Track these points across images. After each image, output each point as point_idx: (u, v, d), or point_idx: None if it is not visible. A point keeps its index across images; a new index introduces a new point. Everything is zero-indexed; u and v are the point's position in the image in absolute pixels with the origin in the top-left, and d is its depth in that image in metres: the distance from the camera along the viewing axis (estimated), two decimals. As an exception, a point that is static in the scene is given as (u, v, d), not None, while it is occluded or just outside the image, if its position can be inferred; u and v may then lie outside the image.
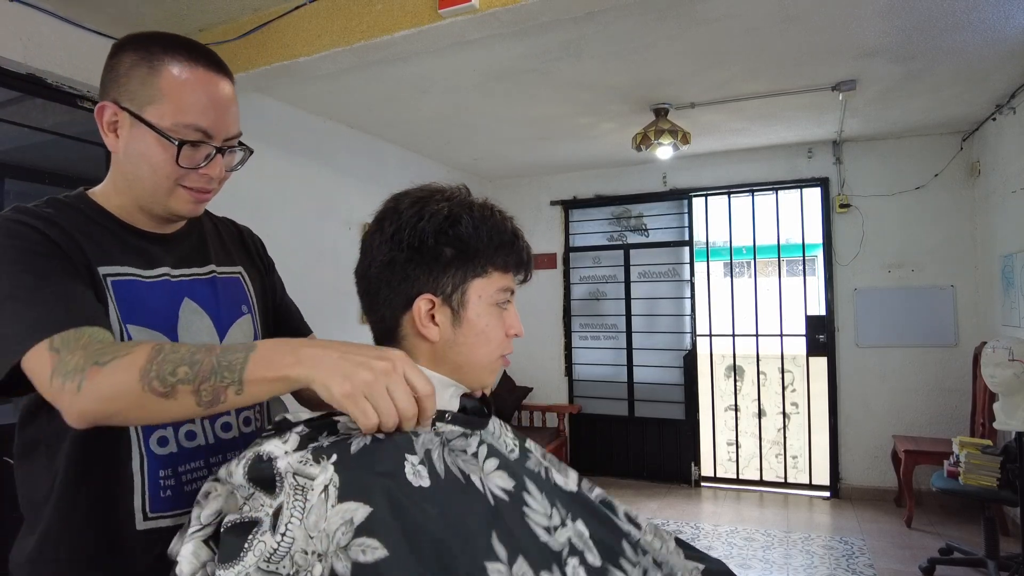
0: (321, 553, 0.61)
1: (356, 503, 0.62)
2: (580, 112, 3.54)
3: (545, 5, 1.89)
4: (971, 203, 4.08)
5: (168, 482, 0.87)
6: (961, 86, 3.21)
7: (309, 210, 3.41)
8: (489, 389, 0.91)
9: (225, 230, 1.08)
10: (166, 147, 0.84)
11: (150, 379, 0.69)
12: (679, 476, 4.75)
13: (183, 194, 0.89)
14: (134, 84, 0.84)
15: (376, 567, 0.60)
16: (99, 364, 0.70)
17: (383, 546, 0.61)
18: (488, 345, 0.82)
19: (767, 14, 2.38)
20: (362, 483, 0.64)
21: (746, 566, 3.25)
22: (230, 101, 0.90)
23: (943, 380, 4.12)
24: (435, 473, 0.70)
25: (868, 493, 4.28)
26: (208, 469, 0.92)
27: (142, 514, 0.85)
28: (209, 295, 0.96)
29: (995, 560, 2.89)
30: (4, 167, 2.28)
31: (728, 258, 5.08)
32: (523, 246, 0.84)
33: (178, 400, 0.69)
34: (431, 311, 0.79)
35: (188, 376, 0.69)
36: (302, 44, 2.27)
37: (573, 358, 5.13)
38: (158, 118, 0.84)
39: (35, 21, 2.17)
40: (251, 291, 1.04)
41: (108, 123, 0.86)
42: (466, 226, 0.78)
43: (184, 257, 0.96)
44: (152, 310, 0.88)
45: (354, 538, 0.61)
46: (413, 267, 0.79)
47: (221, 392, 0.69)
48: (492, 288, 0.81)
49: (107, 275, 0.85)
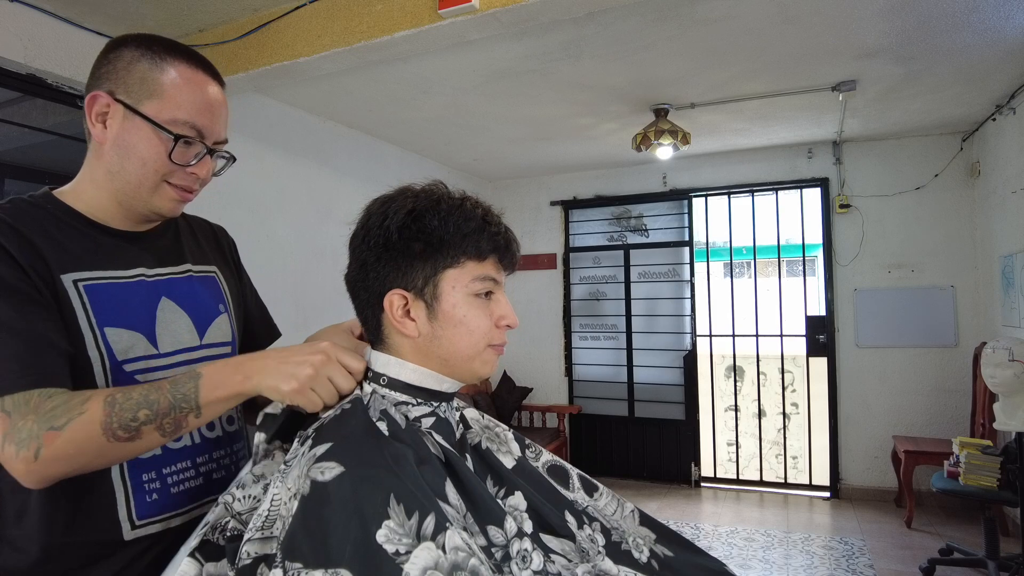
0: (295, 493, 0.65)
1: (322, 444, 0.69)
2: (580, 112, 3.54)
3: (545, 6, 1.89)
4: (971, 203, 4.08)
5: (153, 485, 0.86)
6: (961, 86, 3.21)
7: (309, 210, 3.41)
8: (484, 379, 0.92)
9: (199, 229, 1.08)
10: (161, 141, 0.85)
11: (113, 430, 0.73)
12: (679, 476, 4.75)
13: (168, 191, 0.89)
14: (134, 78, 0.85)
15: (327, 485, 0.64)
16: (56, 428, 0.72)
17: (340, 464, 0.65)
18: (471, 336, 0.80)
19: (767, 15, 2.38)
20: (329, 434, 0.71)
21: (746, 566, 3.25)
22: (222, 106, 0.92)
23: (943, 380, 4.11)
24: (394, 422, 0.77)
25: (868, 493, 4.28)
26: (195, 469, 0.91)
27: (129, 523, 0.84)
28: (187, 294, 0.96)
29: (995, 561, 2.89)
30: (4, 167, 2.28)
31: (728, 258, 5.08)
32: (496, 231, 0.81)
33: (144, 439, 0.75)
34: (405, 307, 0.80)
35: (149, 417, 0.75)
36: (302, 44, 2.27)
37: (573, 358, 5.13)
38: (155, 113, 0.84)
39: (35, 21, 2.17)
40: (226, 290, 1.04)
41: (98, 113, 0.86)
42: (430, 219, 0.78)
43: (160, 256, 0.95)
44: (130, 310, 0.88)
45: (314, 464, 0.66)
46: (382, 266, 0.79)
47: (182, 420, 0.76)
48: (467, 278, 0.80)
49: (79, 280, 0.84)
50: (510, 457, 0.91)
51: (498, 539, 0.72)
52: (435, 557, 0.60)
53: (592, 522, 0.89)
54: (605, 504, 0.93)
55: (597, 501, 0.93)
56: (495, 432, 0.93)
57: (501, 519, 0.74)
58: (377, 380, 0.81)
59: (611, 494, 0.96)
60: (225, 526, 0.73)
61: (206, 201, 1.18)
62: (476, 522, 0.72)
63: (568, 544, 0.81)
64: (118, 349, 0.85)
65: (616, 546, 0.87)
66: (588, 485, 0.95)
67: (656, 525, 0.95)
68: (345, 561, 0.58)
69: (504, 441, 0.93)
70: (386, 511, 0.61)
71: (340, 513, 0.61)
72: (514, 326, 0.84)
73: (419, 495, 0.64)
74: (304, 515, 0.62)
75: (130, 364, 0.86)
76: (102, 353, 0.83)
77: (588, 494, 0.94)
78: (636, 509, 0.96)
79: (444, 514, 0.65)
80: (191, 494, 0.90)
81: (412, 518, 0.62)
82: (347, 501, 0.62)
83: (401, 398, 0.81)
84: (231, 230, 1.17)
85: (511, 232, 0.85)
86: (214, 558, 0.72)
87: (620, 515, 0.93)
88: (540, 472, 0.92)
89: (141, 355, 0.87)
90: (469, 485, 0.75)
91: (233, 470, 0.98)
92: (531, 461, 0.93)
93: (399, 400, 0.81)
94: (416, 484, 0.66)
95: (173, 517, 0.88)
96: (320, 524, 0.61)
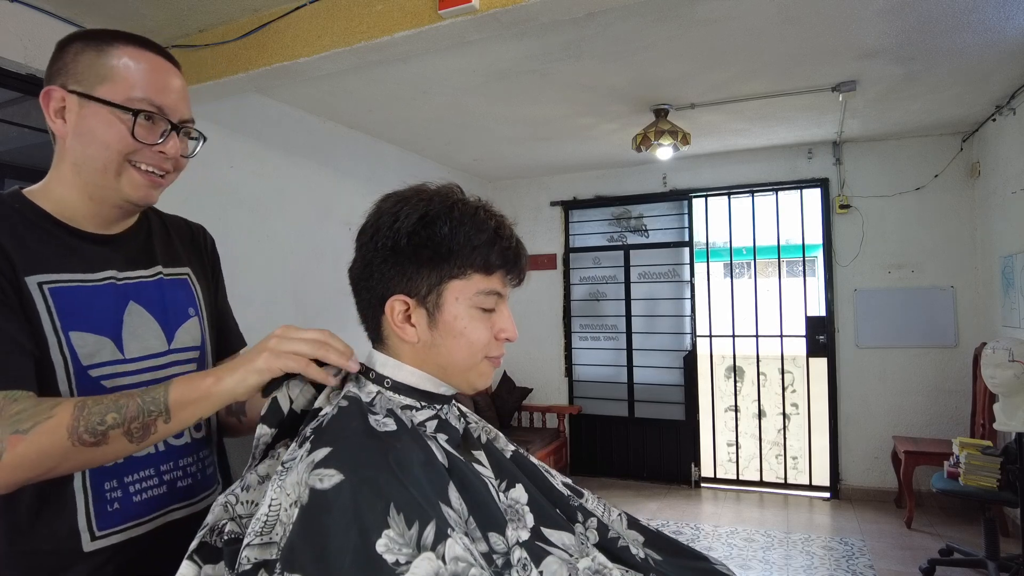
0: (294, 501, 0.65)
1: (321, 449, 0.67)
2: (580, 113, 3.54)
3: (545, 6, 1.89)
4: (971, 204, 4.08)
5: (115, 494, 0.84)
6: (961, 87, 3.21)
7: (309, 211, 3.41)
8: (482, 389, 0.91)
9: (175, 229, 1.05)
10: (121, 121, 0.83)
11: (79, 434, 0.72)
12: (679, 477, 4.75)
13: (135, 176, 0.86)
14: (82, 67, 0.84)
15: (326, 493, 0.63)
16: (20, 432, 0.70)
17: (339, 472, 0.64)
18: (470, 348, 0.80)
19: (767, 15, 2.38)
20: (328, 437, 0.69)
21: (746, 567, 3.25)
22: (178, 84, 0.89)
23: (943, 381, 4.11)
24: (400, 421, 0.76)
25: (868, 494, 4.28)
26: (159, 477, 0.89)
27: (88, 534, 0.81)
28: (155, 298, 0.93)
29: (995, 561, 2.89)
30: (4, 167, 2.28)
31: (728, 259, 5.08)
32: (507, 245, 0.80)
33: (110, 444, 0.73)
34: (406, 312, 0.79)
35: (117, 421, 0.73)
36: (302, 45, 2.27)
37: (573, 359, 5.13)
38: (110, 95, 0.83)
39: (35, 21, 2.17)
40: (199, 292, 1.02)
41: (55, 109, 0.84)
42: (441, 227, 0.76)
43: (131, 259, 0.93)
44: (97, 314, 0.86)
45: (313, 471, 0.65)
46: (388, 268, 0.78)
47: (151, 425, 0.74)
48: (471, 290, 0.79)
49: (44, 283, 0.82)
50: (508, 449, 0.91)
51: (499, 546, 0.72)
52: (435, 568, 0.59)
53: (589, 517, 0.89)
54: (593, 507, 0.93)
55: (586, 503, 0.93)
56: (487, 427, 0.94)
57: (503, 526, 0.74)
58: (381, 383, 0.81)
59: (596, 498, 0.96)
60: (223, 528, 0.73)
61: (206, 201, 1.17)
62: (478, 527, 0.72)
63: (568, 537, 0.81)
64: (83, 354, 0.83)
65: (613, 541, 0.87)
66: (573, 491, 0.95)
67: (644, 529, 0.95)
68: (344, 571, 0.58)
69: (499, 435, 0.93)
70: (386, 520, 0.60)
71: (339, 522, 0.60)
72: (513, 339, 0.83)
73: (420, 502, 0.64)
74: (303, 524, 0.62)
75: (95, 369, 0.84)
76: (66, 358, 0.81)
77: (577, 496, 0.94)
78: (623, 513, 0.96)
79: (446, 521, 0.64)
80: (154, 503, 0.88)
81: (412, 527, 0.61)
82: (346, 509, 0.61)
83: (406, 401, 0.80)
84: (231, 230, 1.16)
85: (522, 246, 0.83)
86: (212, 560, 0.72)
87: (608, 518, 0.93)
88: (535, 465, 0.92)
89: (107, 360, 0.85)
90: (472, 489, 0.75)
91: (199, 478, 0.95)
92: (526, 457, 0.94)
93: (404, 404, 0.80)
94: (418, 489, 0.65)
95: (135, 527, 0.85)
96: (319, 533, 0.61)
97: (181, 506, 0.91)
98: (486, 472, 0.82)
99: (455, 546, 0.62)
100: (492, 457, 0.86)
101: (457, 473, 0.75)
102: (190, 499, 0.93)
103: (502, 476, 0.84)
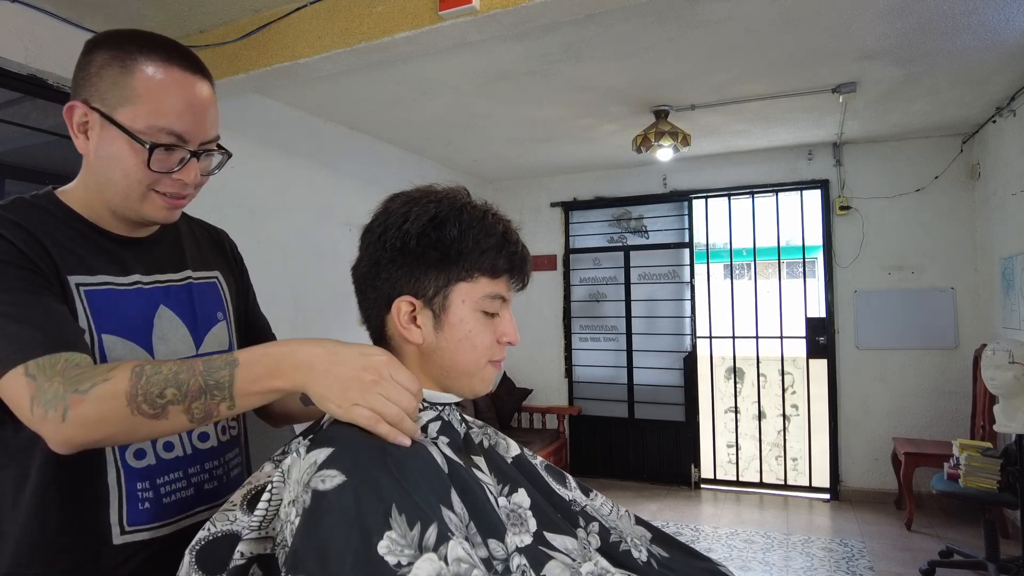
0: (294, 499, 0.65)
1: (323, 449, 0.67)
2: (580, 114, 3.54)
3: (545, 7, 1.89)
4: (971, 205, 4.08)
5: (147, 495, 0.85)
6: (961, 88, 3.21)
7: (310, 211, 3.41)
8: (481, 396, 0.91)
9: (201, 232, 1.05)
10: (138, 151, 0.81)
11: (138, 403, 0.70)
12: (679, 478, 4.75)
13: (156, 200, 0.86)
14: (105, 84, 0.81)
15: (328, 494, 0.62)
16: (79, 392, 0.69)
17: (341, 473, 0.63)
18: (474, 351, 0.80)
19: (767, 16, 2.38)
20: (328, 440, 0.69)
21: (746, 568, 3.25)
22: (208, 103, 0.86)
23: (943, 382, 4.11)
24: None
25: (868, 495, 4.27)
26: (187, 480, 0.90)
27: (119, 528, 0.82)
28: (185, 302, 0.93)
29: (995, 563, 2.89)
30: (4, 167, 2.28)
31: (728, 260, 5.08)
32: (514, 250, 0.80)
33: (169, 419, 0.72)
34: (412, 313, 0.79)
35: (177, 397, 0.71)
36: (303, 45, 2.27)
37: (573, 360, 5.13)
38: (131, 120, 0.80)
39: (35, 21, 2.17)
40: (227, 296, 1.02)
41: (78, 124, 0.83)
42: (450, 229, 0.77)
43: (156, 263, 0.92)
44: (127, 319, 0.85)
45: (316, 472, 0.64)
46: (395, 268, 0.78)
47: (213, 408, 0.72)
48: (478, 293, 0.79)
49: (80, 284, 0.82)
50: (509, 454, 0.91)
51: (499, 553, 0.72)
52: (437, 568, 0.59)
53: (591, 522, 0.89)
54: (601, 504, 0.94)
55: (593, 501, 0.94)
56: (490, 430, 0.94)
57: (502, 533, 0.74)
58: None
59: (604, 497, 0.96)
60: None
61: (205, 201, 1.17)
62: (478, 532, 0.72)
63: (571, 541, 0.81)
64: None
65: (615, 546, 0.87)
66: (583, 488, 0.96)
67: (650, 526, 0.96)
68: (346, 572, 0.58)
69: (503, 438, 0.93)
70: (388, 521, 0.60)
71: (341, 523, 0.60)
72: (515, 343, 0.83)
73: (422, 504, 0.64)
74: (306, 527, 0.62)
75: None
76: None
77: (585, 495, 0.94)
78: (629, 511, 0.97)
79: (447, 524, 0.64)
80: (181, 505, 0.89)
81: (414, 529, 0.61)
82: (348, 510, 0.61)
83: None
84: (231, 231, 1.16)
85: (527, 251, 0.84)
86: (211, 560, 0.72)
87: (616, 516, 0.93)
88: (539, 470, 0.92)
89: None
90: (473, 494, 0.75)
91: (225, 480, 0.96)
92: (529, 459, 0.93)
93: None
94: (419, 492, 0.65)
95: (163, 527, 0.86)
96: (321, 534, 0.61)
97: (207, 508, 0.92)
98: (485, 478, 0.81)
99: (457, 547, 0.62)
100: (492, 463, 0.86)
101: (457, 478, 0.75)
102: (216, 501, 0.94)
103: (504, 481, 0.84)
